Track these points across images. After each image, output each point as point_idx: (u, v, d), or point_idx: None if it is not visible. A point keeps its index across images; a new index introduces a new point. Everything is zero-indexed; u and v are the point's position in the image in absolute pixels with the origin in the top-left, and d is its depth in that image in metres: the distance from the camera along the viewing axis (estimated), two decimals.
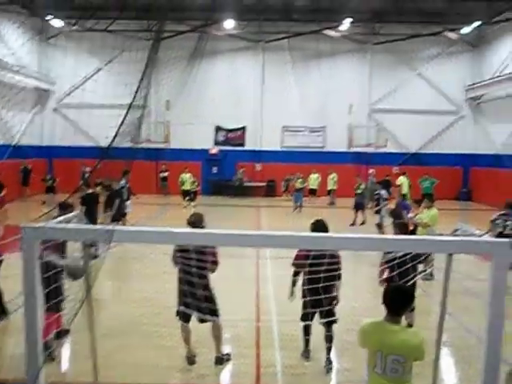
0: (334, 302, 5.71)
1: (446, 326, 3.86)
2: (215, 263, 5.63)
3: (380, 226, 12.77)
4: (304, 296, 5.69)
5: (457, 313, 6.95)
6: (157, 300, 7.58)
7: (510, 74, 21.05)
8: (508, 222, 8.95)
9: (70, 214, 3.89)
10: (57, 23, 23.92)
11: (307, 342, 6.06)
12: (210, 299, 5.62)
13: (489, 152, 24.02)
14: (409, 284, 5.01)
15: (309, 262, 5.49)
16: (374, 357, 3.44)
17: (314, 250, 5.40)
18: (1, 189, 15.70)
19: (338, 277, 5.65)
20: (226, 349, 6.11)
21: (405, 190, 19.49)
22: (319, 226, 5.69)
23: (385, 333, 3.43)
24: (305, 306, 5.75)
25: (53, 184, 20.49)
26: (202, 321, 5.70)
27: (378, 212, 13.76)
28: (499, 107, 23.07)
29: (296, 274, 5.87)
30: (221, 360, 5.88)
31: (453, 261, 3.66)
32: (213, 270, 5.67)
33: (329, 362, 5.80)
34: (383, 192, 13.95)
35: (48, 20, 23.88)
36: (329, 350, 5.80)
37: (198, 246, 5.03)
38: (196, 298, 5.45)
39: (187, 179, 20.84)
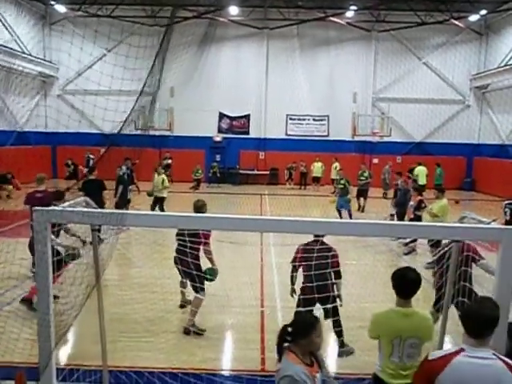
0: (338, 303, 5.63)
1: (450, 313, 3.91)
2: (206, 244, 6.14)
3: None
4: (304, 293, 5.55)
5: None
6: (162, 286, 7.62)
7: None
8: None
9: (79, 199, 3.91)
10: (61, 8, 23.79)
11: None
12: (199, 277, 6.13)
13: (494, 142, 23.92)
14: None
15: (304, 255, 5.57)
16: (390, 345, 3.47)
17: (310, 246, 5.55)
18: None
19: (338, 274, 5.64)
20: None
21: (422, 180, 19.25)
22: None
23: (401, 317, 3.47)
24: (304, 303, 5.50)
25: (74, 170, 20.55)
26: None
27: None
28: (505, 97, 22.88)
29: (293, 270, 5.82)
30: (188, 331, 6.18)
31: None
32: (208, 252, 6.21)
33: (341, 344, 5.79)
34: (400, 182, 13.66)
35: (51, 5, 23.74)
36: (341, 343, 5.77)
37: (191, 229, 5.46)
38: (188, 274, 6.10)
39: (160, 182, 14.28)
